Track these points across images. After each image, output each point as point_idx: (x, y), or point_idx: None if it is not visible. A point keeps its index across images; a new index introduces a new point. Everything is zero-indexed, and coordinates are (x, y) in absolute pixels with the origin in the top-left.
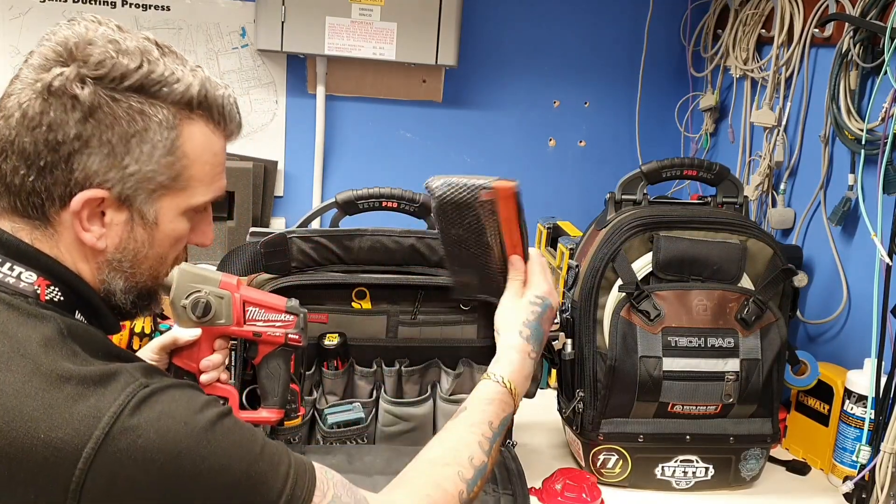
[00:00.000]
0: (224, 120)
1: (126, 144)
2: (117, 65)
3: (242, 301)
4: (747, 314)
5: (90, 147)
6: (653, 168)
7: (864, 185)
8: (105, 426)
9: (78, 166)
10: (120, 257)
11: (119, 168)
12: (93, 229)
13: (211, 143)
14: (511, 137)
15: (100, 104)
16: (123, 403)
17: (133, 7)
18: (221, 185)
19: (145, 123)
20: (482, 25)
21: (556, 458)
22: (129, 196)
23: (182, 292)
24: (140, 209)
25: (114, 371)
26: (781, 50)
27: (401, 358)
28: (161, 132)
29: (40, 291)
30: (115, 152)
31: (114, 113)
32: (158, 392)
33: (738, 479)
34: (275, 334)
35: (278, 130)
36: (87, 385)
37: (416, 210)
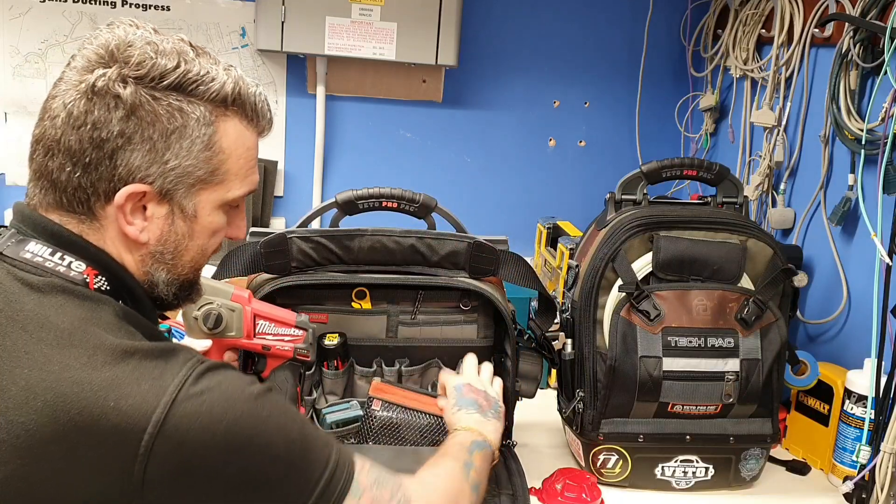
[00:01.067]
0: (257, 116)
1: (166, 140)
2: (156, 65)
3: (253, 314)
4: (747, 314)
5: (133, 143)
6: (653, 168)
7: (864, 185)
8: (172, 393)
9: (121, 162)
10: (162, 249)
11: (160, 163)
12: (135, 222)
13: (244, 139)
14: (511, 137)
15: (141, 102)
16: (186, 375)
17: (133, 7)
18: (255, 180)
19: (184, 120)
20: (482, 25)
21: (556, 458)
22: (170, 190)
23: (194, 303)
24: (180, 203)
25: (173, 348)
26: (781, 50)
27: (401, 358)
28: (199, 128)
29: (89, 280)
30: (156, 148)
31: (154, 111)
32: (214, 368)
33: (738, 479)
34: (283, 348)
35: (278, 130)
36: (151, 358)
37: (416, 210)
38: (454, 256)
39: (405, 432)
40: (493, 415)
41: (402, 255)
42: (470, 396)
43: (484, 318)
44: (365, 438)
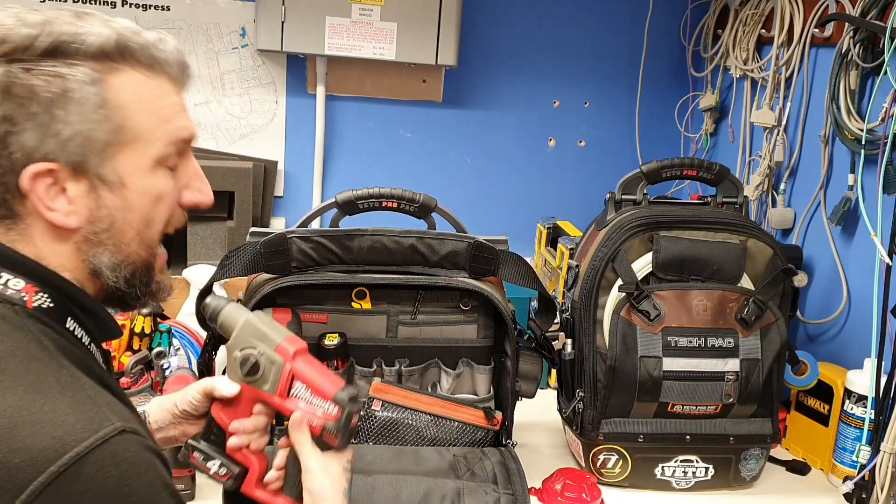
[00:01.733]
0: (157, 63)
1: (50, 110)
2: (18, 36)
3: (291, 374)
4: (747, 314)
5: (18, 124)
6: (653, 168)
7: (864, 185)
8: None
9: (15, 147)
10: (96, 229)
11: (53, 136)
12: (58, 207)
13: (148, 89)
14: (511, 137)
15: (12, 79)
16: (90, 446)
17: (133, 7)
18: (184, 126)
19: (64, 84)
20: (482, 25)
21: (556, 458)
22: (80, 162)
23: (238, 343)
24: (97, 173)
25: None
26: (781, 50)
27: (401, 358)
28: (84, 88)
29: (27, 298)
30: (42, 122)
31: (28, 83)
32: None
33: (738, 479)
34: (311, 422)
35: (278, 130)
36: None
37: (416, 210)
38: (454, 256)
39: (405, 432)
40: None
41: (402, 255)
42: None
43: (484, 318)
44: (365, 438)
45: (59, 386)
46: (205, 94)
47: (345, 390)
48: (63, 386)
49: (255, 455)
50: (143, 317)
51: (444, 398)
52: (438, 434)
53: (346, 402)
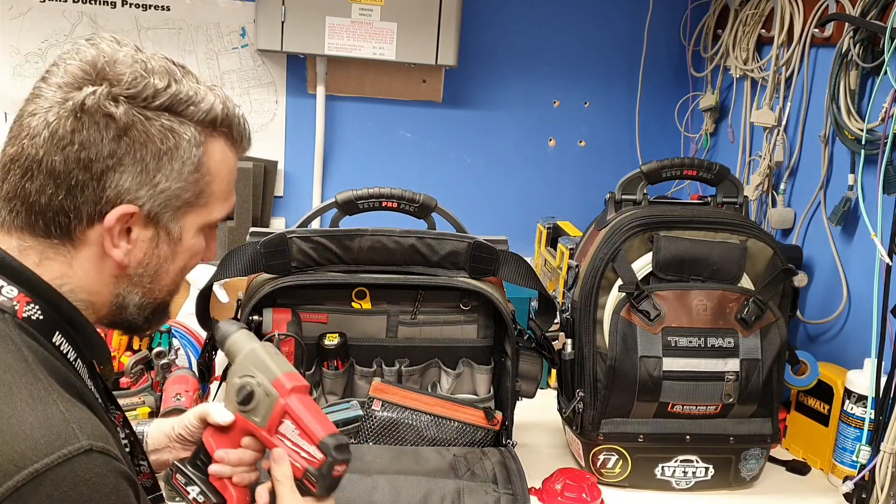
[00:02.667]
0: (241, 137)
1: (158, 162)
2: (148, 84)
3: (283, 410)
4: (747, 314)
5: (123, 165)
6: (653, 168)
7: (864, 185)
8: (20, 481)
9: (110, 184)
10: (142, 272)
11: (151, 185)
12: (121, 245)
13: (228, 160)
14: (511, 137)
15: (133, 122)
16: (50, 463)
17: (133, 7)
18: (233, 202)
19: (176, 141)
20: (482, 25)
21: (556, 458)
22: (158, 213)
23: (239, 370)
24: (167, 226)
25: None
26: (781, 50)
27: (401, 358)
28: (189, 150)
29: (18, 308)
30: (147, 169)
31: (147, 131)
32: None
33: (738, 479)
34: (294, 463)
35: (278, 130)
36: (24, 427)
37: (416, 210)
38: (454, 256)
39: (405, 432)
40: None
41: (402, 255)
42: None
43: (484, 318)
44: (365, 438)
45: (30, 399)
46: None
47: (334, 437)
48: (35, 399)
49: (236, 489)
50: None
51: (444, 398)
52: (438, 434)
53: (330, 450)
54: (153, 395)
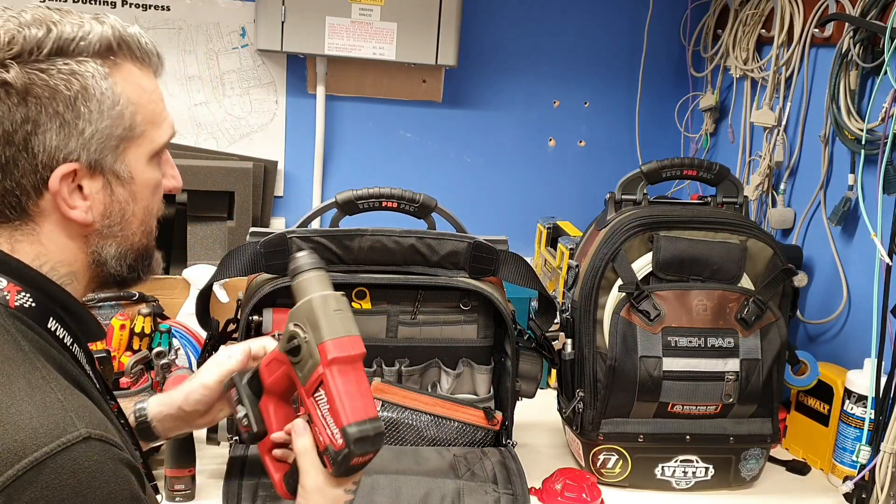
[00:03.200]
0: (147, 55)
1: (73, 109)
2: (28, 37)
3: (320, 379)
4: (747, 314)
5: (41, 125)
6: (653, 168)
7: (864, 185)
8: (20, 469)
9: (39, 148)
10: (108, 223)
11: (77, 135)
12: (77, 204)
13: (143, 82)
14: (511, 137)
15: (31, 80)
16: (49, 452)
17: (133, 7)
18: (171, 122)
19: (82, 82)
20: (482, 25)
21: (556, 458)
22: (98, 160)
23: (295, 316)
24: (112, 169)
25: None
26: (781, 50)
27: (401, 358)
28: (99, 85)
29: (10, 297)
30: (66, 121)
31: (47, 83)
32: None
33: (738, 479)
34: (318, 435)
35: (278, 130)
36: (23, 416)
37: (416, 210)
38: (454, 256)
39: (405, 432)
40: None
41: (402, 255)
42: None
43: (484, 318)
44: None
45: (28, 388)
46: (205, 94)
47: (360, 426)
48: (33, 388)
49: (279, 422)
50: (143, 317)
51: (444, 398)
52: (438, 434)
53: (350, 441)
54: (153, 394)
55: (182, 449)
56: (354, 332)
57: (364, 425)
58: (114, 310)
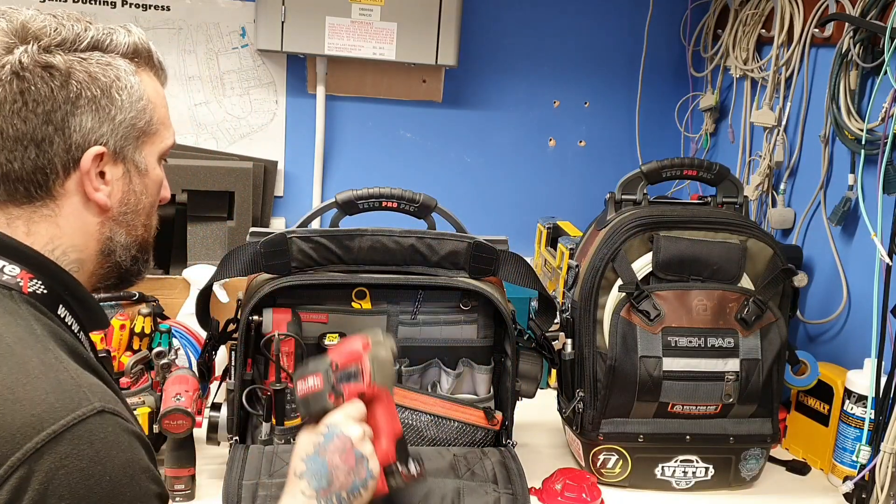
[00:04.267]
0: (160, 66)
1: (108, 96)
2: (70, 29)
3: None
4: (747, 314)
5: (79, 107)
6: (653, 168)
7: (864, 185)
8: (39, 442)
9: (74, 129)
10: (124, 210)
11: (109, 120)
12: (101, 188)
13: (158, 88)
14: (511, 137)
15: (72, 65)
16: (66, 424)
17: (133, 7)
18: (173, 130)
19: (116, 73)
20: (482, 25)
21: (556, 458)
22: (122, 147)
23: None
24: (133, 159)
25: (78, 383)
26: (781, 50)
27: (401, 358)
28: (128, 79)
29: (23, 284)
30: (101, 105)
31: (87, 70)
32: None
33: (738, 479)
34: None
35: (278, 130)
36: (39, 393)
37: (416, 210)
38: (454, 256)
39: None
40: (336, 501)
41: (402, 255)
42: (328, 461)
43: (484, 318)
44: None
45: (42, 367)
46: (205, 94)
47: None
48: (47, 367)
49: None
50: (143, 317)
51: (444, 398)
52: (438, 434)
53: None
54: (153, 395)
55: (182, 449)
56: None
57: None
58: (114, 310)
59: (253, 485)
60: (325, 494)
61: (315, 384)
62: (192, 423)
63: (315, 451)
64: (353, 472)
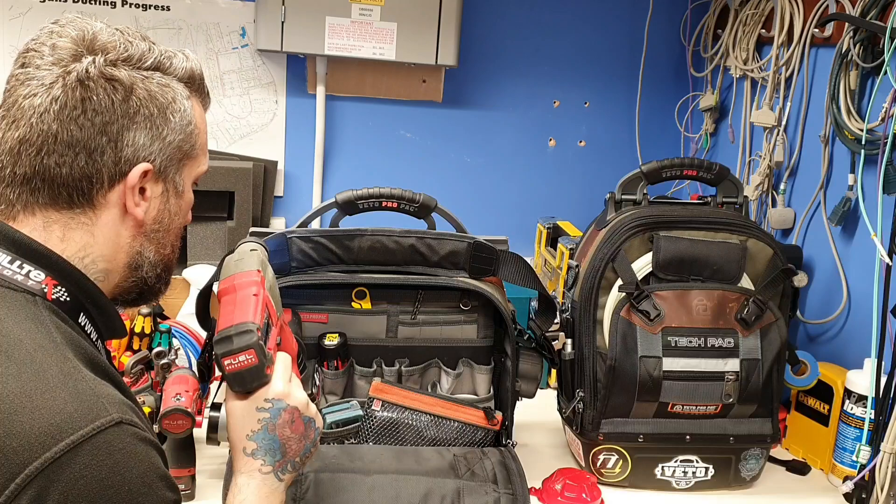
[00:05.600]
0: (207, 93)
1: (163, 116)
2: (136, 47)
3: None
4: (747, 314)
5: (135, 123)
6: (653, 168)
7: (864, 185)
8: (58, 452)
9: (127, 143)
10: (157, 227)
11: (160, 139)
12: (140, 203)
13: (203, 114)
14: (511, 137)
15: (135, 82)
16: (85, 434)
17: (133, 7)
18: (208, 157)
19: (173, 95)
20: (482, 25)
21: (556, 458)
22: (166, 167)
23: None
24: (173, 179)
25: (91, 396)
26: (781, 50)
27: (401, 358)
28: (183, 102)
29: (47, 290)
30: (155, 124)
31: (148, 88)
32: (122, 439)
33: (738, 479)
34: None
35: (278, 130)
36: (58, 402)
37: (416, 210)
38: (454, 256)
39: (405, 432)
40: (291, 468)
41: (402, 255)
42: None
43: (484, 318)
44: (365, 438)
45: (61, 376)
46: None
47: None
48: (66, 376)
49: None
50: (143, 317)
51: (444, 398)
52: (438, 434)
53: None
54: (153, 395)
55: (182, 449)
56: (245, 268)
57: (226, 331)
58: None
59: None
60: (281, 465)
61: (248, 360)
62: (192, 423)
63: (263, 427)
64: (303, 437)
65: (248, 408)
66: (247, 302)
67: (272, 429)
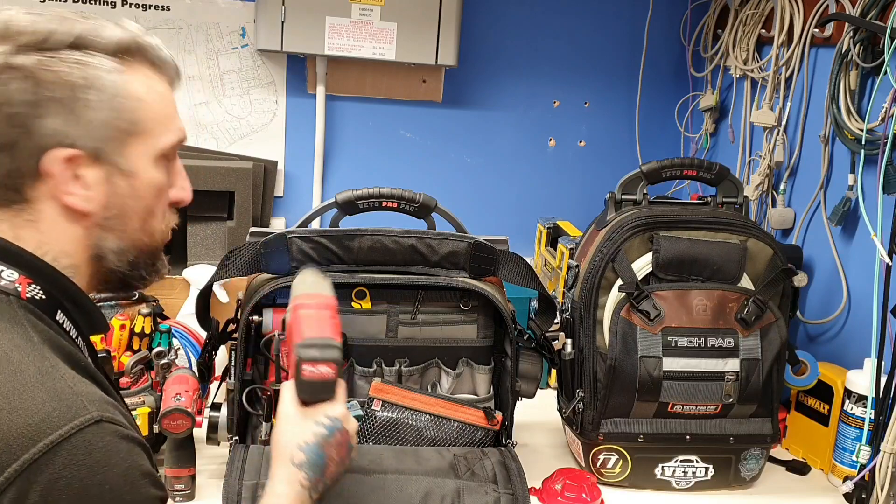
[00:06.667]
0: (162, 63)
1: (76, 96)
2: (46, 29)
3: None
4: (747, 314)
5: (44, 108)
6: (653, 168)
7: (864, 185)
8: (36, 453)
9: (39, 131)
10: (109, 215)
11: (77, 121)
12: (76, 192)
13: (155, 86)
14: (511, 137)
15: (40, 66)
16: (64, 434)
17: (133, 7)
18: (181, 128)
19: (89, 72)
20: (482, 25)
21: (556, 458)
22: (100, 148)
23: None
24: (114, 161)
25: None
26: (781, 50)
27: (401, 358)
28: (106, 77)
29: (21, 289)
30: (69, 106)
31: (56, 70)
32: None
33: (738, 479)
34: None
35: (278, 130)
36: (36, 402)
37: (416, 210)
38: (454, 256)
39: (405, 432)
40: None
41: (402, 255)
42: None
43: (484, 318)
44: (365, 438)
45: (39, 375)
46: (205, 94)
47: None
48: (44, 375)
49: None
50: (143, 317)
51: (444, 398)
52: (438, 434)
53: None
54: (153, 395)
55: (182, 449)
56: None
57: (313, 340)
58: (114, 310)
59: (253, 485)
60: (317, 483)
61: (327, 373)
62: (192, 423)
63: (316, 442)
64: (342, 462)
65: (307, 419)
66: (330, 321)
67: (325, 446)
